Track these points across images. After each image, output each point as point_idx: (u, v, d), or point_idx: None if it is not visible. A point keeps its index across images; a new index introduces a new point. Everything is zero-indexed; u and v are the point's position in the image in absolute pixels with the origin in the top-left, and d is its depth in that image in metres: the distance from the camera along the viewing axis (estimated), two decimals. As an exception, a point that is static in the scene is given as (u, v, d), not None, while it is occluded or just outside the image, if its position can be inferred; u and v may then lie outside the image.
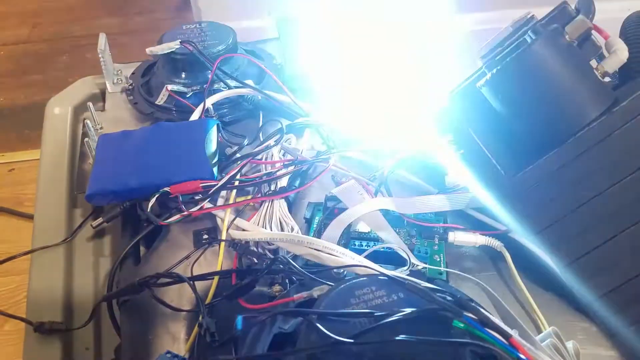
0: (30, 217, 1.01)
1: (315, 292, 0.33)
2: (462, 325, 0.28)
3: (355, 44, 0.60)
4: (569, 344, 0.34)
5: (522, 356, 0.28)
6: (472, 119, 0.40)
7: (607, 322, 0.39)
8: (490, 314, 0.31)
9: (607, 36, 0.39)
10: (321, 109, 0.56)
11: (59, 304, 0.45)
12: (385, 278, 0.32)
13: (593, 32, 0.38)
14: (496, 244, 0.43)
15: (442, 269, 0.41)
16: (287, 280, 0.38)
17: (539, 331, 0.38)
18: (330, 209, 0.45)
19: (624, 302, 0.39)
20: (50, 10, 1.56)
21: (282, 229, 0.44)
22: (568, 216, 0.38)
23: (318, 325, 0.28)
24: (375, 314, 0.29)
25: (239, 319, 0.33)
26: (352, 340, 0.27)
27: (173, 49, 0.56)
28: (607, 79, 0.38)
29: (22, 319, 0.43)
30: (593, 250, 0.39)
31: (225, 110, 0.56)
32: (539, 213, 0.39)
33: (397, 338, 0.27)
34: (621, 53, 0.37)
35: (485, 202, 0.40)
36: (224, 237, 0.43)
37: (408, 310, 0.29)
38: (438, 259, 0.42)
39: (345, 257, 0.38)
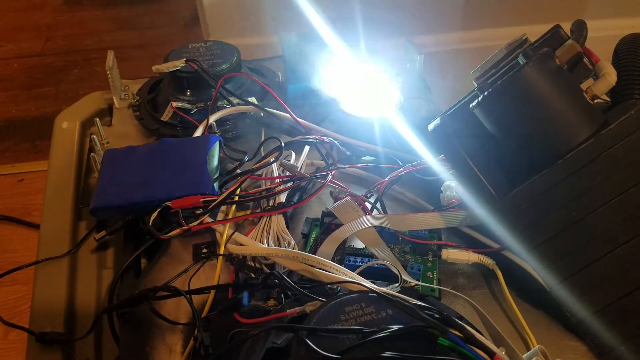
0: (37, 226, 1.02)
1: (308, 308, 0.34)
2: (447, 342, 0.29)
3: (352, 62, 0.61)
4: (555, 363, 0.35)
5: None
6: (464, 139, 0.41)
7: (597, 341, 0.39)
8: (479, 331, 0.31)
9: (597, 60, 0.40)
10: (320, 126, 0.57)
11: (62, 314, 0.46)
12: (375, 295, 0.32)
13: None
14: (488, 262, 0.43)
15: (435, 286, 0.42)
16: (282, 295, 0.39)
17: (528, 349, 0.38)
18: (327, 225, 0.46)
19: (615, 319, 0.39)
20: (63, 24, 1.59)
21: (279, 244, 0.44)
22: (558, 235, 0.39)
23: (307, 341, 0.29)
24: (363, 330, 0.29)
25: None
26: (339, 357, 0.28)
27: (178, 67, 0.57)
28: (598, 101, 0.39)
29: (24, 329, 0.44)
30: (584, 268, 0.39)
31: (228, 126, 0.58)
32: (530, 232, 0.39)
33: (383, 355, 0.28)
34: (610, 77, 0.37)
35: (478, 221, 0.41)
36: (222, 251, 0.44)
37: (395, 327, 0.29)
38: (431, 276, 0.43)
39: (339, 273, 0.39)
